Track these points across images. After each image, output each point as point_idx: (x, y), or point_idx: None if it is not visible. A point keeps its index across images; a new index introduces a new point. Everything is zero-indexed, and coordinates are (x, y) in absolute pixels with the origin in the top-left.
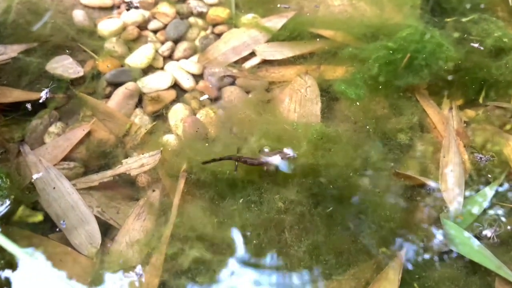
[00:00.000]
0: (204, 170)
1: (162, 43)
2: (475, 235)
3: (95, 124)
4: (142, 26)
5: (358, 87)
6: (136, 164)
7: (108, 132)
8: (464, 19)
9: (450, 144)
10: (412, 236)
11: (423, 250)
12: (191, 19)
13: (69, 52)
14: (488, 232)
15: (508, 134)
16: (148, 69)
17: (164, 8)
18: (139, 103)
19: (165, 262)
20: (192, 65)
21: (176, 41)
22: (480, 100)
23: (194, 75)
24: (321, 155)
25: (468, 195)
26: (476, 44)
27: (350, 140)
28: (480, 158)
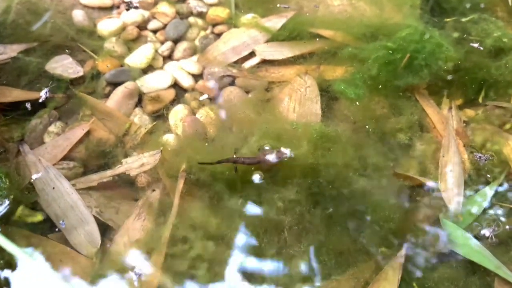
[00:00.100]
0: (203, 170)
1: (162, 43)
2: (475, 235)
3: (95, 123)
4: (142, 26)
5: (357, 87)
6: (136, 163)
7: (107, 132)
8: (463, 19)
9: (450, 144)
10: (411, 236)
11: (423, 250)
12: (191, 19)
13: (68, 52)
14: (487, 232)
15: (507, 133)
16: (148, 69)
17: (164, 8)
18: (139, 102)
19: (164, 261)
20: (191, 65)
21: (176, 41)
22: (480, 100)
23: (193, 75)
24: (320, 155)
25: (468, 195)
26: (475, 44)
27: (349, 139)
28: (480, 158)
